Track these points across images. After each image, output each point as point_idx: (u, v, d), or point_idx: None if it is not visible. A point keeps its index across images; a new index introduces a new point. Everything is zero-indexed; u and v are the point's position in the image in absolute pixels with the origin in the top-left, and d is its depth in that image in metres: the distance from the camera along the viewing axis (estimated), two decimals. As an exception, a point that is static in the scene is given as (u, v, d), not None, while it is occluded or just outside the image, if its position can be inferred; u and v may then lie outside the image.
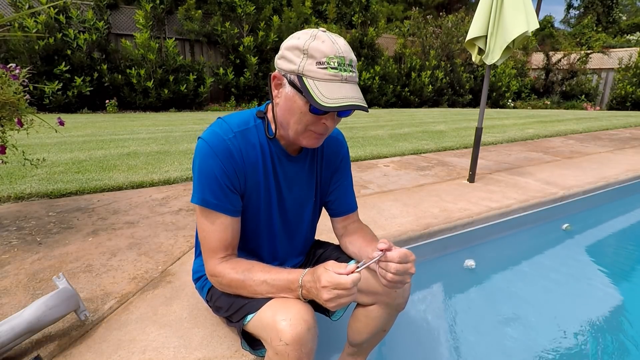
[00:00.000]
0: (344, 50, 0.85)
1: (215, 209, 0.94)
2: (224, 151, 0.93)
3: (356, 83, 0.88)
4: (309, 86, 0.82)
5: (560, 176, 3.46)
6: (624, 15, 27.59)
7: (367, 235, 1.13)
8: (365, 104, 0.86)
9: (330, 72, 0.82)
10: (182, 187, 2.90)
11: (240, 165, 0.96)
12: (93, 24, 8.54)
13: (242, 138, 0.97)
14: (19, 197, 2.52)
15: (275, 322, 0.84)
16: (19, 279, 1.52)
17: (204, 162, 0.93)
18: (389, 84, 12.62)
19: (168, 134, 5.42)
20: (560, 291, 2.09)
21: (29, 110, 1.77)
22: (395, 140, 5.38)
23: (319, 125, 0.89)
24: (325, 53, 0.82)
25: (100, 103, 8.79)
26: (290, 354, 0.82)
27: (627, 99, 14.41)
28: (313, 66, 0.82)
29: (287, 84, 0.88)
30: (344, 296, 0.78)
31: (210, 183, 0.93)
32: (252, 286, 0.83)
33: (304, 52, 0.83)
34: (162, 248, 1.85)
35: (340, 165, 1.17)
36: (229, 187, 0.95)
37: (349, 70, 0.84)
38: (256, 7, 10.17)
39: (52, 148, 4.15)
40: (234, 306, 1.00)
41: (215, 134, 0.94)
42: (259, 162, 1.00)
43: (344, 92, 0.83)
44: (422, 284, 2.06)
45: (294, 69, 0.84)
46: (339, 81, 0.83)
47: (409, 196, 2.78)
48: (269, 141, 1.01)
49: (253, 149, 0.99)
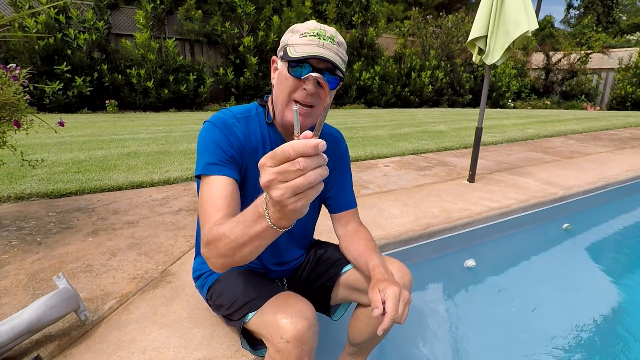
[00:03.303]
0: (328, 29, 0.93)
1: (214, 172, 0.93)
2: (226, 127, 0.98)
3: (335, 52, 0.92)
4: (289, 50, 0.91)
5: (560, 176, 3.46)
6: (624, 15, 27.59)
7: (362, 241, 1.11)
8: (341, 65, 0.92)
9: (308, 38, 0.90)
10: (182, 187, 2.90)
11: (242, 144, 1.00)
12: (93, 24, 8.54)
13: (245, 123, 1.02)
14: (19, 197, 2.52)
15: (277, 320, 0.85)
16: (19, 279, 1.52)
17: (207, 136, 0.98)
18: (389, 84, 12.62)
19: (168, 134, 5.42)
20: (560, 291, 2.09)
21: (29, 111, 1.77)
22: (395, 140, 5.38)
23: (300, 91, 0.92)
24: (308, 27, 0.92)
25: (100, 103, 8.80)
26: (292, 351, 0.83)
27: (627, 99, 14.41)
28: (296, 37, 0.92)
29: (278, 60, 0.97)
30: (289, 175, 0.53)
31: (212, 150, 0.95)
32: (227, 234, 0.73)
33: (292, 31, 0.95)
34: (162, 248, 1.85)
35: (338, 162, 1.18)
36: (230, 156, 0.97)
37: (328, 40, 0.91)
38: (256, 7, 10.18)
39: (52, 148, 4.15)
40: (235, 304, 1.00)
41: (219, 117, 1.01)
42: (259, 148, 1.03)
43: (317, 51, 0.89)
44: (422, 284, 2.06)
45: (283, 45, 0.95)
46: (315, 45, 0.90)
47: (409, 196, 2.78)
48: (269, 128, 1.05)
49: (254, 135, 1.03)
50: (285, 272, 1.23)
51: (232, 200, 0.90)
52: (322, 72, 0.90)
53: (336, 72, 0.92)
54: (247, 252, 0.73)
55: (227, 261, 0.78)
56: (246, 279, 1.08)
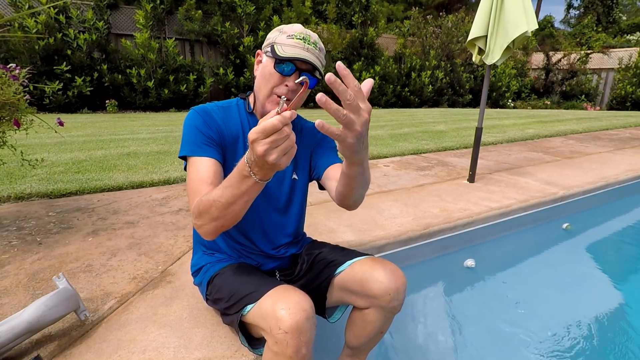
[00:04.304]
0: (312, 35, 1.05)
1: (197, 154, 1.02)
2: (205, 113, 1.08)
3: (317, 56, 1.04)
4: (277, 48, 1.01)
5: (560, 176, 3.46)
6: (624, 15, 27.59)
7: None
8: (320, 68, 1.04)
9: (295, 41, 1.01)
10: (182, 187, 2.90)
11: (221, 128, 1.08)
12: (93, 24, 8.54)
13: (224, 112, 1.12)
14: (19, 197, 2.52)
15: (275, 311, 0.86)
16: (19, 279, 1.52)
17: (189, 121, 1.07)
18: (389, 84, 12.62)
19: (168, 134, 5.42)
20: (560, 291, 2.09)
21: (29, 111, 1.77)
22: (395, 140, 5.38)
23: (282, 87, 1.02)
24: (295, 30, 1.03)
25: (100, 103, 8.80)
26: (290, 342, 0.84)
27: (627, 99, 14.41)
28: (284, 37, 1.02)
29: (263, 55, 1.07)
30: (280, 141, 0.70)
31: (194, 134, 1.04)
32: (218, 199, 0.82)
33: (279, 30, 1.05)
34: (162, 248, 1.85)
35: (320, 140, 1.22)
36: (209, 138, 1.05)
37: (312, 45, 1.03)
38: (256, 7, 10.18)
39: (52, 148, 4.15)
40: (234, 297, 1.01)
41: (202, 106, 1.12)
42: (239, 134, 1.12)
43: (302, 53, 1.00)
44: (422, 284, 2.06)
45: (270, 42, 1.05)
46: (301, 48, 1.01)
47: (409, 196, 2.78)
48: (249, 117, 1.15)
49: (234, 123, 1.12)
50: (279, 262, 1.24)
51: (216, 177, 1.00)
52: (303, 72, 1.02)
53: (315, 74, 1.05)
54: (237, 209, 0.85)
55: (219, 223, 0.89)
56: (245, 273, 1.09)
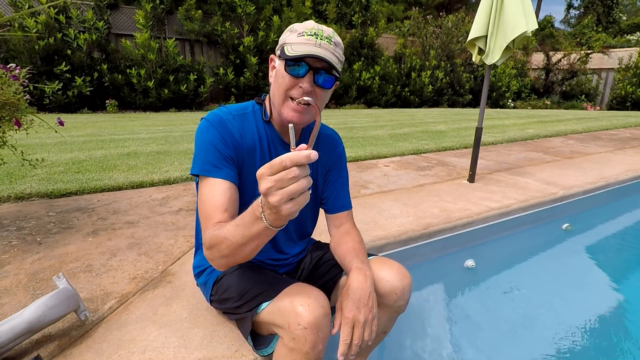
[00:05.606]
0: (326, 30, 0.94)
1: (212, 174, 0.96)
2: (221, 125, 0.99)
3: (332, 52, 0.93)
4: (287, 49, 0.92)
5: (560, 176, 3.46)
6: (624, 15, 27.59)
7: (350, 243, 1.11)
8: (337, 64, 0.94)
9: (305, 38, 0.91)
10: (182, 187, 2.90)
11: (238, 142, 1.01)
12: (93, 24, 8.54)
13: (241, 121, 1.03)
14: (19, 197, 2.52)
15: (294, 307, 0.87)
16: (19, 279, 1.52)
17: (203, 134, 0.99)
18: (389, 84, 12.62)
19: (168, 134, 5.42)
20: (560, 291, 2.09)
21: (29, 110, 1.77)
22: (395, 140, 5.37)
23: (297, 89, 0.93)
24: (306, 27, 0.93)
25: (100, 103, 8.79)
26: (308, 337, 0.84)
27: (627, 99, 14.41)
28: (294, 36, 0.93)
29: (276, 59, 0.98)
30: (284, 182, 0.61)
31: (209, 151, 0.97)
32: (228, 237, 0.78)
33: (290, 30, 0.96)
34: (162, 248, 1.85)
35: (335, 162, 1.20)
36: (226, 156, 0.98)
37: (325, 40, 0.92)
38: (256, 7, 10.18)
39: (52, 148, 4.15)
40: (246, 295, 1.01)
41: (216, 114, 1.02)
42: (256, 145, 1.04)
43: (314, 50, 0.90)
44: (423, 284, 2.06)
45: (281, 44, 0.96)
46: (312, 45, 0.91)
47: (409, 196, 2.78)
48: (266, 126, 1.06)
49: (250, 132, 1.04)
50: (287, 267, 1.24)
51: (230, 204, 0.94)
52: (318, 71, 0.93)
53: (332, 72, 0.94)
54: (248, 251, 0.79)
55: (230, 260, 0.84)
56: (255, 272, 1.09)
